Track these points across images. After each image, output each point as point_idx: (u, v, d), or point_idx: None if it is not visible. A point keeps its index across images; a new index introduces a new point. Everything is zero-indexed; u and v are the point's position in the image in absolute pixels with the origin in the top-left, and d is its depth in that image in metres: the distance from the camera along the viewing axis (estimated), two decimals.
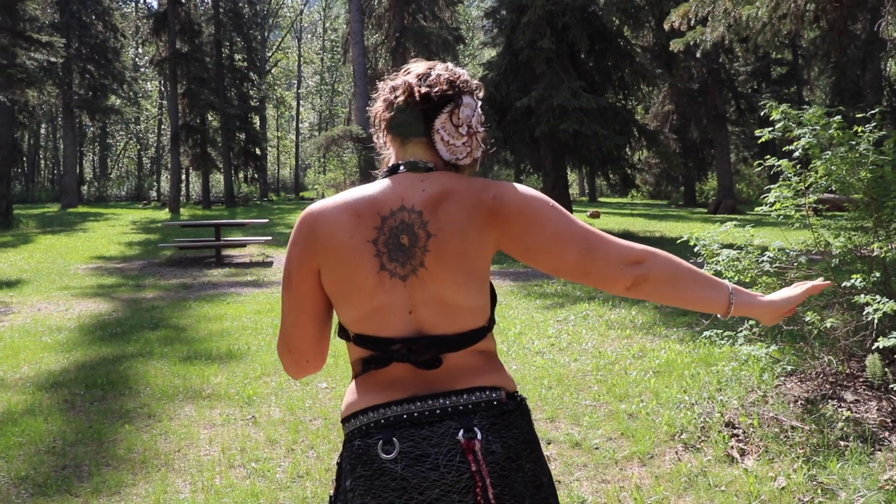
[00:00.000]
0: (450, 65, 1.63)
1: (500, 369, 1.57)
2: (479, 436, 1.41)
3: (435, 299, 1.48)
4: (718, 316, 1.62)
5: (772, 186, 4.71)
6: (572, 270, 1.52)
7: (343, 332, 1.58)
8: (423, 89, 1.55)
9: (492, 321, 1.58)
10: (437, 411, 1.45)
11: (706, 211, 27.36)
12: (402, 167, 1.56)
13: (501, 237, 1.51)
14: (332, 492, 1.57)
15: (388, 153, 1.65)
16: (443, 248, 1.46)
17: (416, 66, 1.63)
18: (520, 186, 1.53)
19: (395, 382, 1.50)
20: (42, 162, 54.98)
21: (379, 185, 1.55)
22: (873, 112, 4.48)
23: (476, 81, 1.65)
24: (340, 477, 1.53)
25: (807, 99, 33.54)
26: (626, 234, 18.19)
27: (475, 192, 1.50)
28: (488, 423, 1.44)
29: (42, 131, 51.34)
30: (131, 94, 44.76)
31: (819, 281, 1.72)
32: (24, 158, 46.65)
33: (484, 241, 1.49)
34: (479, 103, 1.63)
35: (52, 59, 18.84)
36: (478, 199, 1.49)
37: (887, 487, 3.26)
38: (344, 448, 1.53)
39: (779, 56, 32.91)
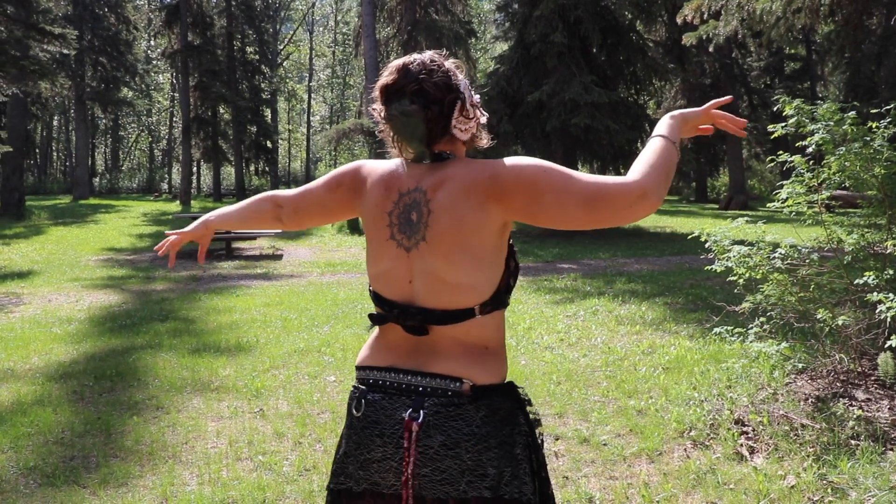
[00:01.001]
0: (428, 61, 1.69)
1: (478, 361, 1.63)
2: (420, 418, 1.56)
3: (428, 272, 1.62)
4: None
5: (784, 182, 4.66)
6: (582, 223, 1.58)
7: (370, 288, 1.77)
8: (434, 109, 1.64)
9: (487, 305, 1.63)
10: (403, 385, 1.62)
11: (717, 207, 27.25)
12: (427, 159, 1.70)
13: (505, 211, 1.59)
14: None
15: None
16: (438, 223, 1.60)
17: (402, 80, 1.67)
18: (514, 160, 1.62)
19: (390, 348, 1.69)
20: (54, 154, 55.23)
21: (408, 167, 1.72)
22: (888, 108, 4.43)
23: (453, 60, 1.74)
24: None
25: (820, 95, 33.32)
26: (637, 230, 18.13)
27: (473, 174, 1.61)
28: (435, 410, 1.57)
29: (54, 123, 51.54)
30: (143, 86, 44.92)
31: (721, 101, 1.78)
32: (37, 150, 46.90)
33: (482, 218, 1.58)
34: (463, 75, 1.73)
35: (65, 51, 18.89)
36: (474, 180, 1.60)
37: None
38: None
39: (792, 51, 32.66)
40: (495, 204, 1.58)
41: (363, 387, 1.68)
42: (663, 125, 1.71)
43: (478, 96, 1.74)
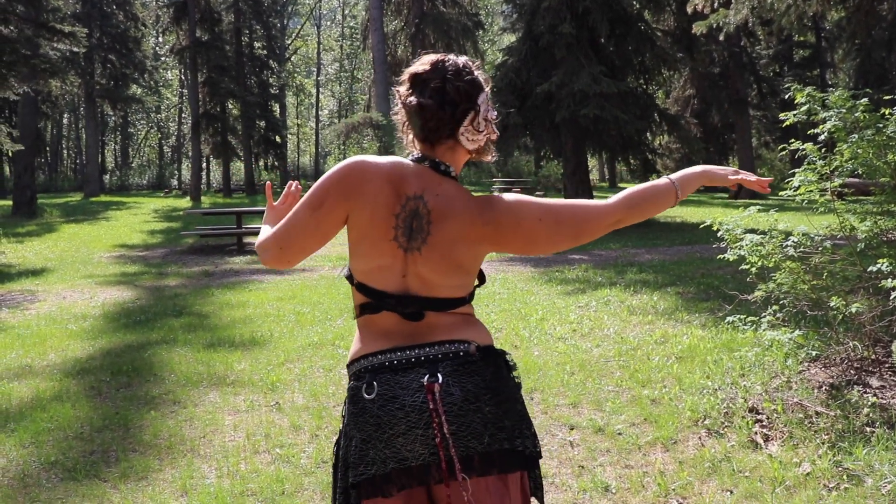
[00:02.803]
0: (461, 65, 1.80)
1: (475, 325, 1.82)
2: (440, 380, 1.66)
3: (422, 275, 1.75)
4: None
5: (796, 170, 4.64)
6: (568, 247, 1.84)
7: (350, 278, 1.84)
8: (447, 110, 1.75)
9: (471, 294, 1.84)
10: (412, 359, 1.71)
11: (727, 196, 27.11)
12: (426, 162, 1.80)
13: (500, 248, 1.82)
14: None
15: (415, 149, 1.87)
16: (434, 250, 1.74)
17: (430, 74, 1.78)
18: (509, 202, 1.78)
19: (385, 334, 1.77)
20: (65, 151, 55.47)
21: (410, 168, 1.80)
22: None
23: (483, 74, 1.84)
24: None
25: (830, 82, 33.08)
26: (647, 220, 18.07)
27: (472, 216, 1.75)
28: (451, 369, 1.69)
29: (65, 121, 51.76)
30: (152, 83, 45.03)
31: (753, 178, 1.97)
32: (48, 148, 47.07)
33: (474, 251, 1.78)
34: (488, 90, 1.83)
35: (75, 50, 18.93)
36: (472, 223, 1.75)
37: None
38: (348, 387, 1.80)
39: (801, 39, 32.41)
40: (490, 245, 1.79)
41: (368, 372, 1.73)
42: (683, 171, 1.92)
43: (494, 112, 1.84)
